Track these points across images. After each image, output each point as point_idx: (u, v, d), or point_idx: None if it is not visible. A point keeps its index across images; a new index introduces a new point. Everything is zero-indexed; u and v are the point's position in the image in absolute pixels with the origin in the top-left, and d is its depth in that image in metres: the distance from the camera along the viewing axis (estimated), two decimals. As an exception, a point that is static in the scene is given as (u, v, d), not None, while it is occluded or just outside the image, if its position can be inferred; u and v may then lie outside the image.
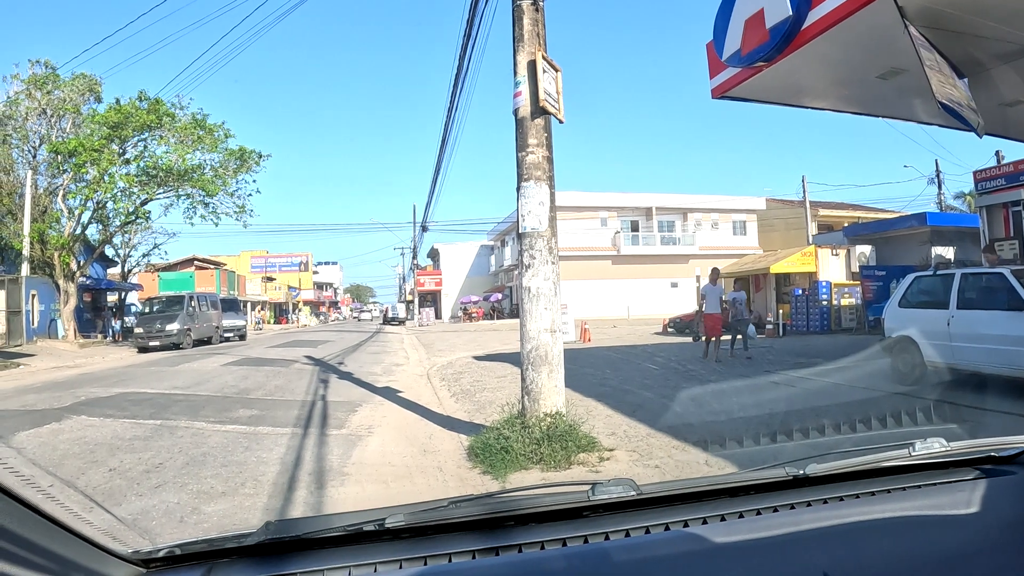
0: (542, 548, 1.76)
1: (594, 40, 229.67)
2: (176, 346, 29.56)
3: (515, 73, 8.18)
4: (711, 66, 10.48)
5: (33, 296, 32.15)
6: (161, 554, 1.75)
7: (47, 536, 1.41)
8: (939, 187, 42.96)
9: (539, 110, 8.00)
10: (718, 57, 9.86)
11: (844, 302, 29.46)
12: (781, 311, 31.37)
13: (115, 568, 1.64)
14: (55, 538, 1.43)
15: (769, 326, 29.51)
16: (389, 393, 13.49)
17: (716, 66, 10.28)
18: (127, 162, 32.57)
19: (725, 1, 9.44)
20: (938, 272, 11.99)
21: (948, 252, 28.15)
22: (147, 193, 33.10)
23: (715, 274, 18.89)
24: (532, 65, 8.03)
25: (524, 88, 8.07)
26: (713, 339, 17.94)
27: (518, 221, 8.09)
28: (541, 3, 8.26)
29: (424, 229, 56.20)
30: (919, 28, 7.34)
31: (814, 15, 8.09)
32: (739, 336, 19.72)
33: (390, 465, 7.64)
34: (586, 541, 1.78)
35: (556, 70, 8.37)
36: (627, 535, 1.80)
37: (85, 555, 1.54)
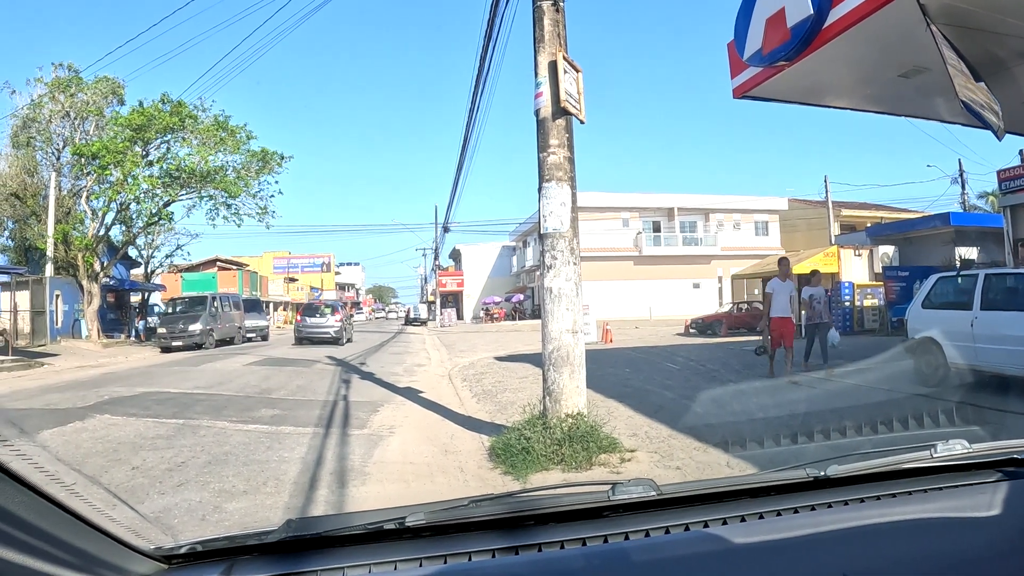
0: (562, 547, 1.77)
1: (615, 41, 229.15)
2: (199, 346, 29.70)
3: (536, 74, 8.19)
4: (732, 66, 10.44)
5: (57, 296, 32.45)
6: (183, 551, 1.77)
7: (71, 531, 1.43)
8: (962, 187, 42.63)
9: (560, 111, 7.99)
10: (739, 57, 9.82)
11: (867, 303, 29.25)
12: (803, 312, 31.21)
13: (138, 564, 1.66)
14: (79, 534, 1.45)
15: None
16: (411, 393, 13.54)
17: (737, 66, 10.24)
18: (150, 164, 32.81)
19: (746, 0, 9.41)
20: (961, 273, 11.91)
21: (972, 252, 27.95)
22: (170, 194, 33.33)
23: (785, 266, 14.93)
24: (553, 66, 8.02)
25: (545, 89, 8.07)
26: (785, 349, 14.13)
27: (540, 222, 8.09)
28: (561, 4, 8.26)
29: (446, 230, 56.22)
30: (940, 26, 7.31)
31: (835, 13, 8.04)
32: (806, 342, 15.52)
33: (411, 465, 7.67)
34: (606, 541, 1.79)
35: (577, 71, 8.36)
36: (647, 535, 1.81)
37: (108, 551, 1.56)
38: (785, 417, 9.20)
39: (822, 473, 1.98)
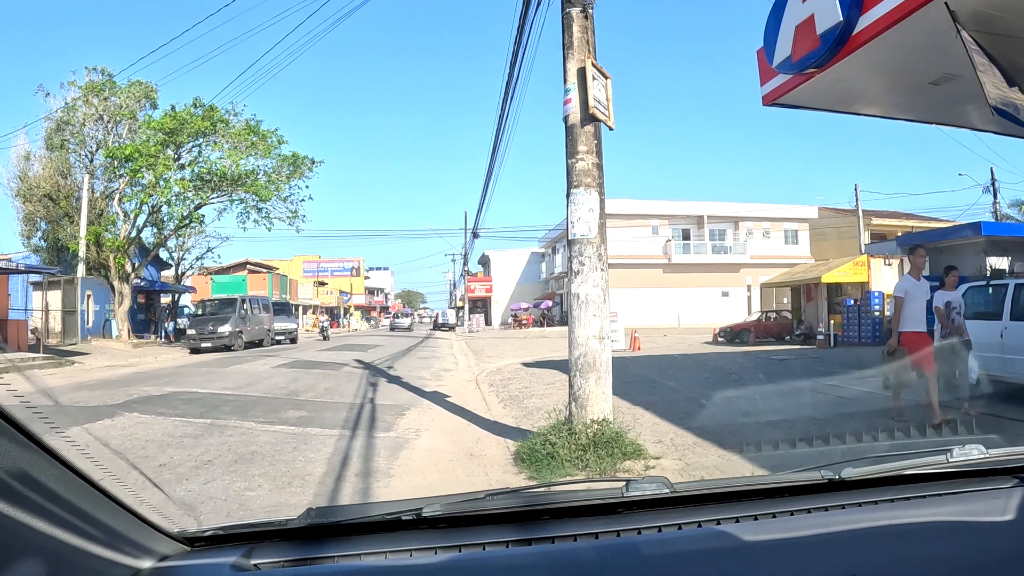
0: (575, 541, 1.80)
1: (645, 49, 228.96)
2: (228, 348, 29.94)
3: (565, 80, 8.20)
4: (761, 73, 10.40)
5: (88, 296, 32.81)
6: (206, 534, 1.84)
7: (100, 508, 1.49)
8: (994, 195, 42.12)
9: (589, 117, 8.00)
10: (768, 64, 9.78)
11: (897, 313, 28.89)
12: (832, 321, 30.97)
13: (162, 544, 1.72)
14: (107, 511, 1.51)
15: (820, 337, 29.19)
16: (437, 397, 13.57)
17: (766, 73, 10.19)
18: (182, 167, 33.14)
19: (775, 7, 9.37)
20: (991, 283, 11.79)
21: (1003, 262, 27.60)
22: (201, 198, 33.62)
23: (920, 256, 10.50)
24: (582, 72, 8.03)
25: (574, 95, 8.09)
26: (926, 377, 9.79)
27: (567, 228, 8.10)
28: (590, 10, 8.28)
29: (475, 235, 56.16)
30: (971, 32, 7.25)
31: (865, 20, 7.99)
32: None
33: (436, 468, 7.69)
34: (618, 536, 1.81)
35: (606, 77, 8.36)
36: (659, 531, 1.83)
37: (134, 529, 1.62)
38: (811, 423, 9.16)
39: (836, 475, 1.99)
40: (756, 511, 1.91)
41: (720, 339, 34.01)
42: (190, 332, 31.29)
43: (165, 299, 44.26)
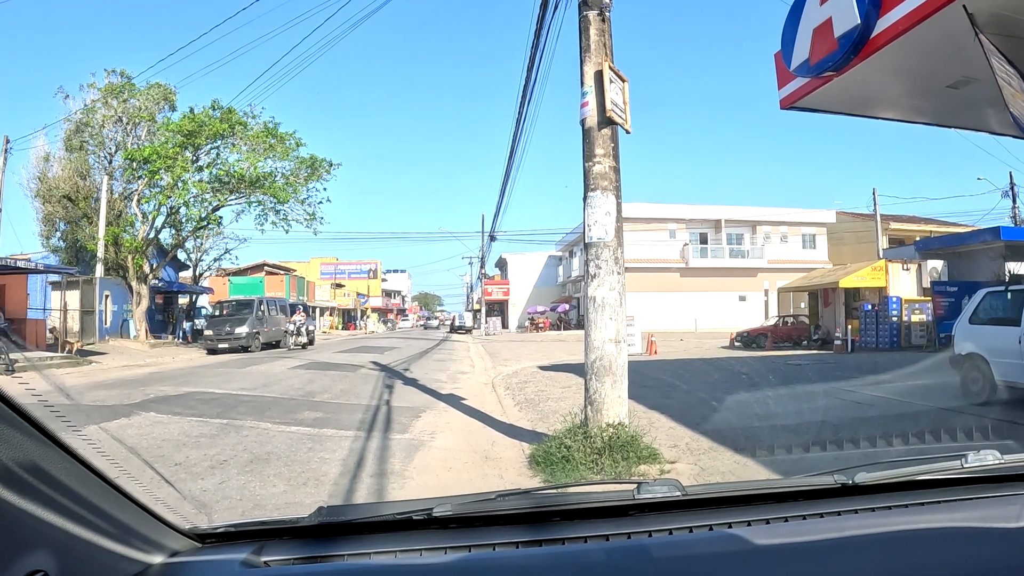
0: (585, 542, 1.80)
1: (662, 53, 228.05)
2: (244, 349, 29.95)
3: (582, 84, 8.20)
4: (779, 76, 10.37)
5: (106, 297, 33.04)
6: (218, 531, 1.86)
7: (111, 502, 1.50)
8: (1013, 200, 41.75)
9: (606, 120, 7.99)
10: (786, 67, 9.75)
11: (915, 318, 28.74)
12: (850, 327, 30.75)
13: (172, 540, 1.74)
14: (118, 505, 1.53)
15: (838, 342, 29.04)
16: (453, 400, 13.58)
17: (784, 76, 10.16)
18: (200, 169, 33.31)
19: (793, 10, 9.34)
20: (1010, 288, 11.70)
21: (1022, 267, 27.37)
22: (219, 199, 33.79)
23: None
24: (599, 75, 8.03)
25: (591, 98, 8.08)
26: None
27: (584, 231, 8.10)
28: (607, 13, 8.27)
29: (492, 239, 56.22)
30: (990, 36, 7.21)
31: (882, 23, 7.95)
32: None
33: (450, 471, 7.70)
34: (629, 538, 1.81)
35: (623, 80, 8.36)
36: (670, 534, 1.83)
37: (145, 524, 1.64)
38: (829, 428, 9.11)
39: (850, 480, 1.98)
40: (768, 515, 1.91)
41: (737, 344, 33.86)
42: (207, 333, 31.35)
43: (183, 300, 44.43)
